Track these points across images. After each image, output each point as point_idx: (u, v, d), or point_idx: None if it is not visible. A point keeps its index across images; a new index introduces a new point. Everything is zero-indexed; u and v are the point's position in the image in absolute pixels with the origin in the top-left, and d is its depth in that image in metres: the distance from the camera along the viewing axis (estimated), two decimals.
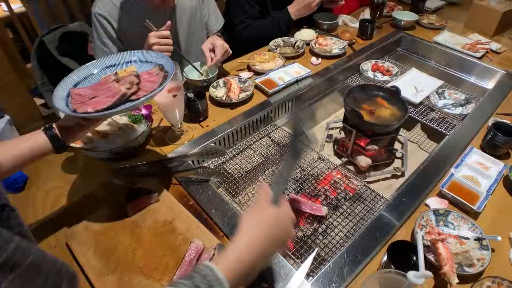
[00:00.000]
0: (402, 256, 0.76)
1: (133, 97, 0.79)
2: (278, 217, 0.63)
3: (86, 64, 0.90)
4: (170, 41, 1.25)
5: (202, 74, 1.44)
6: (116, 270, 0.81)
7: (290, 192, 1.07)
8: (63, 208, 0.97)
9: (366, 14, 2.03)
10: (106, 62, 0.91)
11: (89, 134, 1.08)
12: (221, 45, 1.42)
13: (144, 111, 1.17)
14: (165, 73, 0.85)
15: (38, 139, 0.76)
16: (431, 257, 0.79)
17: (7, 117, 2.48)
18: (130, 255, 0.84)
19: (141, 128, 1.15)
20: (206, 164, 1.17)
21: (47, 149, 0.77)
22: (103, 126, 1.10)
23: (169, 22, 1.24)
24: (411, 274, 0.55)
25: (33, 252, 0.37)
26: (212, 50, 1.44)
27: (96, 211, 0.94)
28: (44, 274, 0.37)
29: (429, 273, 0.55)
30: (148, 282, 0.78)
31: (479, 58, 1.62)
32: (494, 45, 1.69)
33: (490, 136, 1.10)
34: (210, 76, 1.40)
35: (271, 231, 0.60)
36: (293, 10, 1.75)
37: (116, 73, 0.87)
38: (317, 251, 0.88)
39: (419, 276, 0.54)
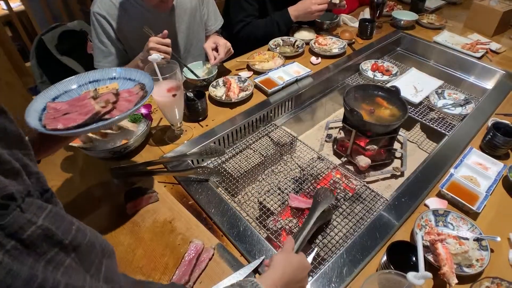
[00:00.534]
0: (401, 256, 0.77)
1: (106, 116, 0.77)
2: (302, 263, 0.73)
3: (69, 78, 0.87)
4: (169, 49, 1.24)
5: (198, 77, 1.42)
6: None
7: (290, 192, 1.07)
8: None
9: (366, 13, 2.03)
10: (90, 77, 0.89)
11: (90, 133, 1.08)
12: (224, 44, 1.43)
13: (143, 111, 1.17)
14: (145, 92, 0.82)
15: None
16: (430, 257, 0.80)
17: None
18: (129, 255, 0.84)
19: (141, 127, 1.15)
20: (205, 164, 1.17)
21: None
22: None
23: (166, 31, 1.24)
24: (411, 275, 0.55)
25: (88, 232, 0.42)
26: (215, 49, 1.44)
27: (95, 210, 0.94)
28: (95, 251, 0.41)
29: (429, 274, 0.55)
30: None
31: (479, 58, 1.62)
32: (494, 45, 1.69)
33: (489, 136, 1.10)
34: (210, 75, 1.40)
35: (295, 271, 0.70)
36: (293, 13, 1.74)
37: (96, 89, 0.84)
38: (317, 251, 0.88)
39: (419, 277, 0.54)
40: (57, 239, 0.36)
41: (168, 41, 1.25)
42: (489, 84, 1.57)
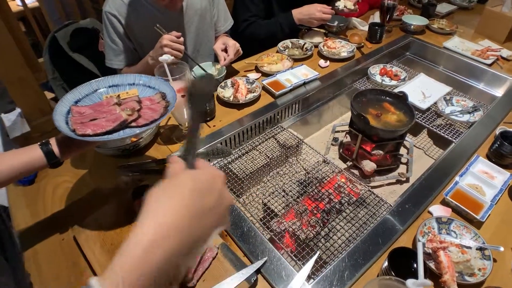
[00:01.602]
0: (403, 262, 0.77)
1: (132, 124, 0.80)
2: (198, 179, 0.44)
3: (90, 81, 0.90)
4: (182, 47, 1.27)
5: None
6: None
7: (294, 195, 1.08)
8: (71, 203, 1.00)
9: (376, 17, 2.02)
10: (110, 81, 0.91)
11: None
12: (234, 45, 1.45)
13: None
14: (167, 102, 0.85)
15: (33, 154, 0.77)
16: (432, 264, 0.80)
17: (18, 109, 2.53)
18: None
19: None
20: (212, 164, 1.18)
21: (41, 164, 0.78)
22: None
23: (179, 34, 1.27)
24: (410, 282, 0.56)
25: None
26: (224, 50, 1.45)
27: (103, 207, 0.96)
28: None
29: (428, 282, 0.56)
30: None
31: (489, 65, 1.61)
32: (505, 52, 1.68)
33: (496, 145, 1.10)
34: (219, 76, 1.41)
35: (192, 201, 0.42)
36: (297, 16, 1.74)
37: (118, 95, 0.87)
38: (319, 254, 0.88)
39: (418, 284, 0.55)
40: None
41: (181, 39, 1.27)
42: (499, 92, 1.56)
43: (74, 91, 0.87)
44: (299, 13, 1.74)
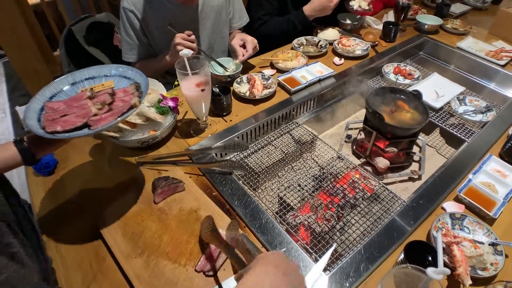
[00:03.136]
0: (418, 255, 0.79)
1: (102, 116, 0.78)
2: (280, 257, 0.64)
3: (65, 75, 0.88)
4: (194, 44, 1.31)
5: (227, 70, 1.47)
6: (143, 253, 0.85)
7: (309, 189, 1.10)
8: (91, 193, 1.03)
9: (390, 16, 2.03)
10: (85, 74, 0.91)
11: (120, 124, 1.13)
12: (252, 41, 1.48)
13: (171, 103, 1.21)
14: (140, 93, 0.84)
15: (8, 152, 0.77)
16: (445, 258, 0.82)
17: None
18: (156, 240, 0.88)
19: (168, 119, 1.19)
20: (228, 158, 1.21)
21: (16, 162, 0.78)
22: (132, 116, 1.15)
23: (190, 32, 1.31)
24: (430, 270, 0.58)
25: (9, 270, 0.37)
26: (242, 46, 1.48)
27: (123, 197, 0.99)
28: None
29: (447, 270, 0.58)
30: (174, 266, 0.83)
31: (503, 66, 1.62)
32: None
33: (509, 144, 1.11)
34: (236, 71, 1.44)
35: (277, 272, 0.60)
36: (309, 11, 1.74)
37: (92, 88, 0.85)
38: (335, 247, 0.91)
39: (438, 272, 0.57)
40: None
41: (193, 37, 1.30)
42: None
43: (48, 86, 0.85)
44: (311, 10, 1.74)
